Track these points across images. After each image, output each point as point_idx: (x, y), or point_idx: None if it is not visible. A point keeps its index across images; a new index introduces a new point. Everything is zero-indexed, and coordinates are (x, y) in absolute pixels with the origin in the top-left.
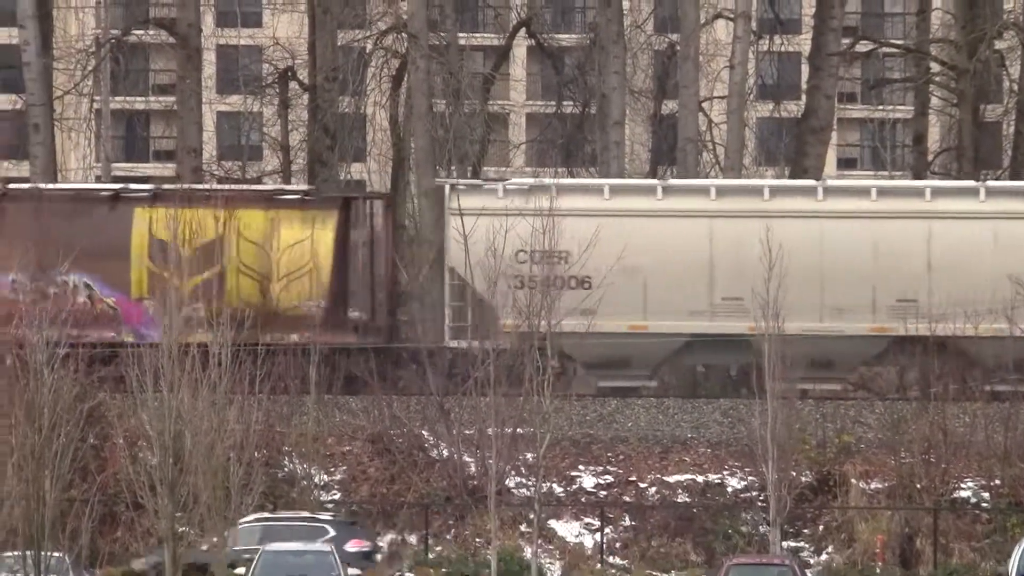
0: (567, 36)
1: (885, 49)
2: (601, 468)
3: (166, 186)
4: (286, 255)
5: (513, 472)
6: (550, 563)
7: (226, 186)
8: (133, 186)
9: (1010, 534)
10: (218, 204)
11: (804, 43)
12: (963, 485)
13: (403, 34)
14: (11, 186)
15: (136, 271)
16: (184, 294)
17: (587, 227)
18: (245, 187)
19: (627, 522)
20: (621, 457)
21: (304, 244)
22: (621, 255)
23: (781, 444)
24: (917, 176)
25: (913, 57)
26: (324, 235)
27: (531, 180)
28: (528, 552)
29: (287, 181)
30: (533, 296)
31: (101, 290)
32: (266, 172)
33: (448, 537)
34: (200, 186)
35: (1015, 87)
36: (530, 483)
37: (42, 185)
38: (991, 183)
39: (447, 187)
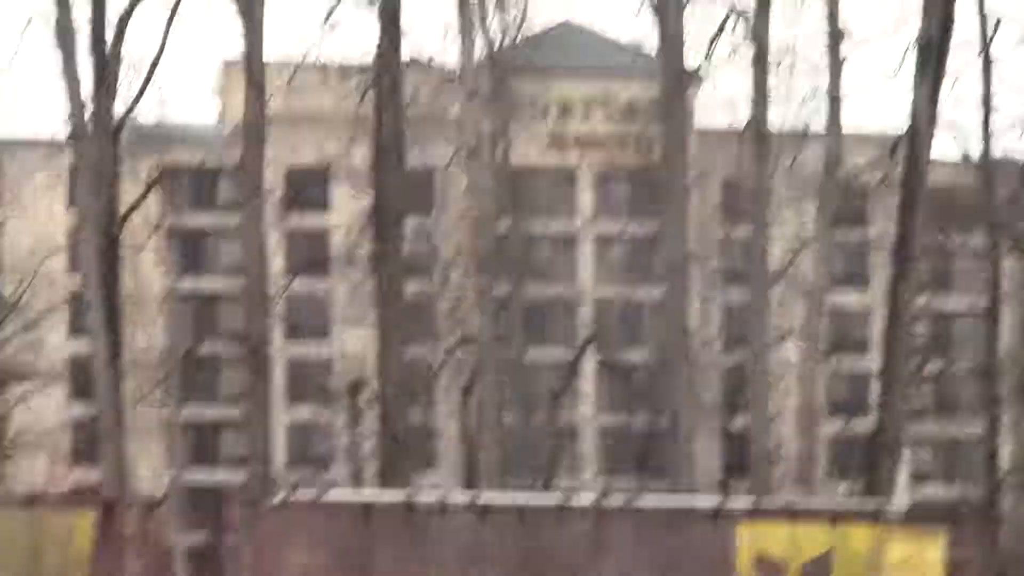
0: (635, 352)
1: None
2: None
3: None
4: None
5: None
6: None
7: None
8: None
9: None
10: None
11: (872, 362)
12: None
13: (472, 348)
14: None
15: None
16: None
17: None
18: None
19: None
20: None
21: None
22: None
23: None
24: (990, 494)
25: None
26: None
27: None
28: None
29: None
30: None
31: None
32: (335, 483)
33: None
34: None
35: None
36: None
37: None
38: None
39: None
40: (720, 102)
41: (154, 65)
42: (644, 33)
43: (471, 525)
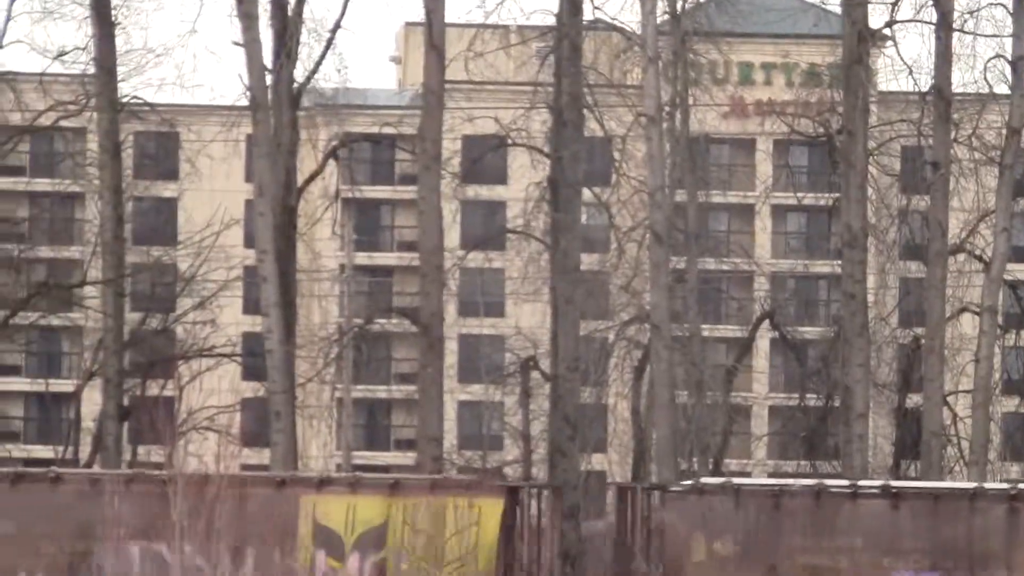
0: (810, 329)
1: None
2: None
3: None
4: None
5: None
6: None
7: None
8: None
9: None
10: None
11: None
12: None
13: (645, 325)
14: None
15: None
16: None
17: None
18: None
19: None
20: None
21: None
22: None
23: None
24: None
25: None
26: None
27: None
28: None
29: (527, 471)
30: None
31: None
32: (507, 462)
33: None
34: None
35: None
36: None
37: None
38: None
39: None
40: (902, 66)
41: (334, 30)
42: None
43: (883, 511)
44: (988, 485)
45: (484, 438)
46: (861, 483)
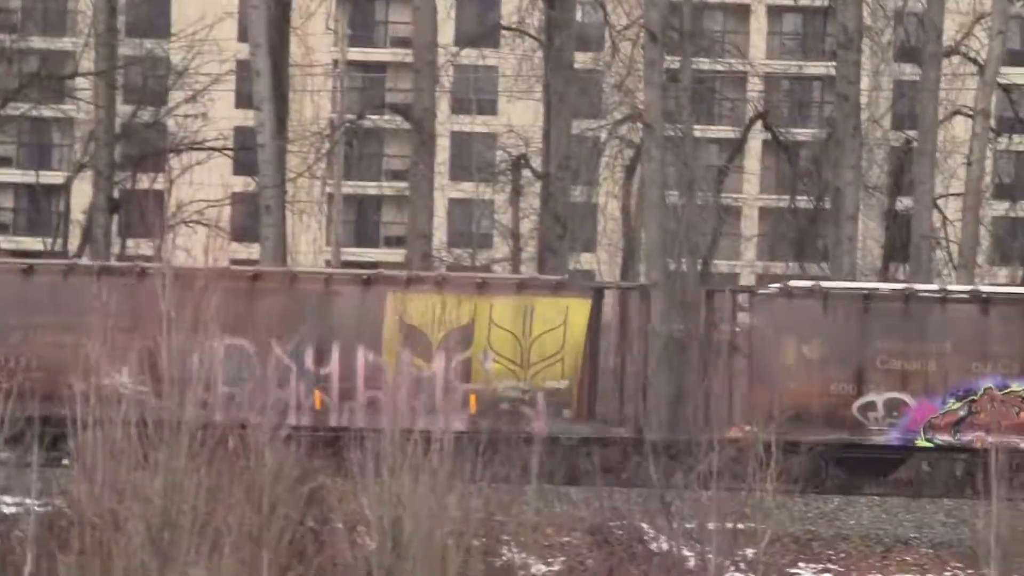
0: (803, 130)
1: None
2: (822, 566)
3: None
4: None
5: (732, 567)
6: None
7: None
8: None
9: None
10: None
11: None
12: None
13: (638, 124)
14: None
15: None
16: None
17: None
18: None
19: None
20: (842, 555)
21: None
22: None
23: (1005, 546)
24: None
25: None
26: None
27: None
28: None
29: (516, 269)
30: None
31: None
32: (496, 259)
33: None
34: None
35: None
36: None
37: None
38: None
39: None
40: None
41: None
42: None
43: (972, 316)
44: None
45: (474, 235)
46: (951, 287)
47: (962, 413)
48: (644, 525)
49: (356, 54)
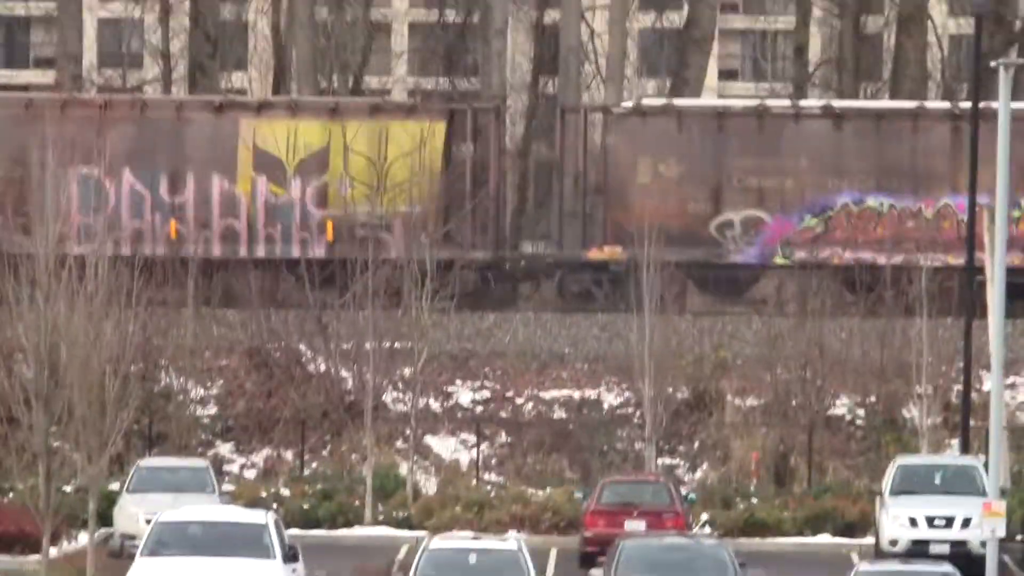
0: None
1: None
2: (478, 383)
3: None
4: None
5: (390, 387)
6: (426, 479)
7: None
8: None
9: (884, 452)
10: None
11: None
12: (838, 403)
13: None
14: None
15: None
16: None
17: None
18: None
19: (503, 438)
20: (498, 372)
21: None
22: None
23: (658, 360)
24: (798, 87)
25: None
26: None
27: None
28: (404, 468)
29: (167, 89)
30: None
31: None
32: (146, 80)
33: (324, 453)
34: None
35: None
36: (407, 398)
37: None
38: None
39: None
40: None
41: None
42: None
43: (826, 132)
44: (930, 104)
45: (124, 56)
46: (803, 103)
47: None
48: (302, 347)
49: None
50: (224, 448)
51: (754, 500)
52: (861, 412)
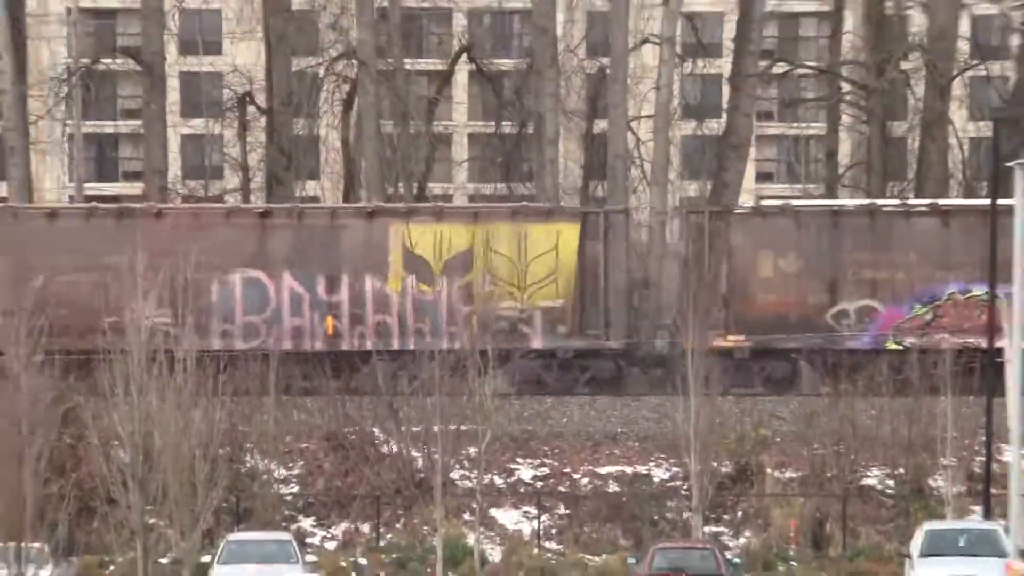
0: (505, 61)
1: (800, 70)
2: (538, 461)
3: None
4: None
5: (457, 465)
6: (491, 548)
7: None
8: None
9: (913, 518)
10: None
11: (724, 65)
12: (870, 474)
13: (353, 60)
14: None
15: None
16: None
17: None
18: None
19: (562, 510)
20: (557, 451)
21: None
22: None
23: (703, 438)
24: (829, 188)
25: (826, 77)
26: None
27: None
28: (471, 538)
29: (246, 199)
30: None
31: None
32: (227, 190)
33: (398, 526)
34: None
35: (920, 105)
36: (473, 475)
37: None
38: None
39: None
40: None
41: None
42: None
43: (934, 229)
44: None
45: (206, 169)
46: (911, 201)
47: (928, 317)
48: (375, 430)
49: (87, 1)
50: (306, 523)
51: (793, 563)
52: (891, 483)
